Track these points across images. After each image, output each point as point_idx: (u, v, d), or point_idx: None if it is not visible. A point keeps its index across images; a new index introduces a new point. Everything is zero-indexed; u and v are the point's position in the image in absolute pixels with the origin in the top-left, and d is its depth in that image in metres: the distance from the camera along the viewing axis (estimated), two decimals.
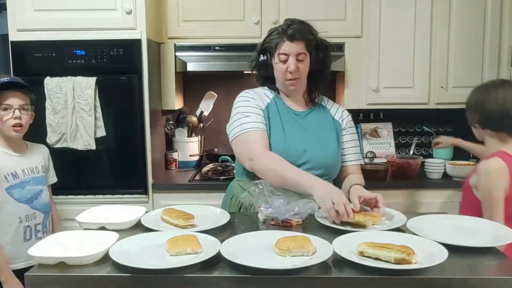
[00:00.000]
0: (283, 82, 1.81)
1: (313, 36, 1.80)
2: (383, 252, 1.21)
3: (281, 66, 1.77)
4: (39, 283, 1.23)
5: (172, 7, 2.81)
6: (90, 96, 2.45)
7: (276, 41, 1.76)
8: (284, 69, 1.76)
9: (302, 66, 1.77)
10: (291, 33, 1.73)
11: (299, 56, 1.75)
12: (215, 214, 1.66)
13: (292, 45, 1.74)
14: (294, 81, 1.79)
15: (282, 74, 1.78)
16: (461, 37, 2.82)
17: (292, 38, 1.73)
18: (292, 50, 1.74)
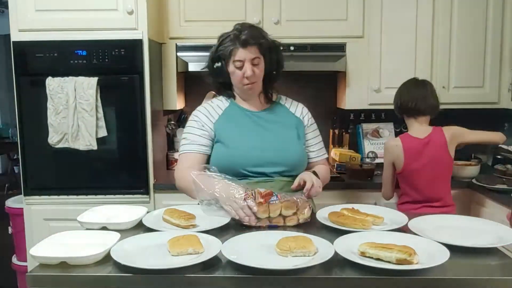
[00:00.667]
0: (241, 87, 1.83)
1: (265, 39, 1.81)
2: (385, 252, 1.21)
3: (237, 73, 1.79)
4: (40, 283, 1.24)
5: (173, 7, 2.81)
6: (91, 96, 2.45)
7: (229, 48, 1.77)
8: (241, 75, 1.78)
9: (257, 70, 1.79)
10: (244, 39, 1.74)
11: (254, 60, 1.77)
12: (216, 214, 1.65)
13: (246, 51, 1.75)
14: (251, 85, 1.81)
15: (239, 80, 1.80)
16: (463, 37, 2.81)
17: (245, 44, 1.75)
18: (247, 56, 1.76)
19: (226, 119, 1.87)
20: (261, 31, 1.83)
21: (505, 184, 2.47)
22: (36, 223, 2.58)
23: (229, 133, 1.84)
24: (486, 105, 2.87)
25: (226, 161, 1.78)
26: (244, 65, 1.77)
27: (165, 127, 3.01)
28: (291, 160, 1.82)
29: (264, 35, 1.83)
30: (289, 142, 1.85)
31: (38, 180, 2.58)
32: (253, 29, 1.80)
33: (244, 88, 1.82)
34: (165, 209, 1.64)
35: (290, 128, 1.89)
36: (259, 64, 1.80)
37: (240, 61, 1.76)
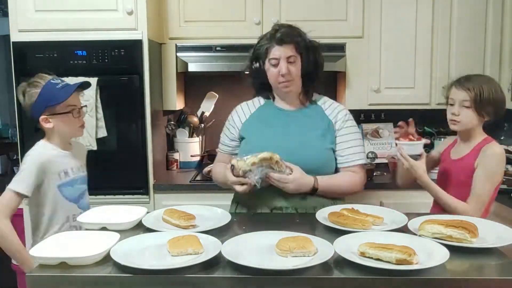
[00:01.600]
0: (277, 86, 1.83)
1: (301, 38, 1.82)
2: (384, 252, 1.21)
3: (273, 71, 1.79)
4: (40, 283, 1.24)
5: (173, 8, 2.81)
6: (91, 97, 2.45)
7: (265, 47, 1.79)
8: (276, 73, 1.78)
9: (293, 68, 1.79)
10: (279, 37, 1.77)
11: (289, 58, 1.78)
12: (216, 214, 1.66)
13: (281, 49, 1.77)
14: (287, 83, 1.80)
15: (275, 78, 1.81)
16: (462, 37, 2.82)
17: (281, 42, 1.77)
18: (282, 54, 1.77)
19: (256, 117, 1.92)
20: (298, 31, 1.84)
21: (505, 184, 2.47)
22: None
23: (253, 131, 1.88)
24: None
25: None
26: (279, 63, 1.77)
27: (165, 127, 3.01)
28: (310, 163, 1.77)
29: (301, 34, 1.83)
30: (311, 144, 1.81)
31: None
32: (290, 28, 1.82)
33: (279, 86, 1.82)
34: (165, 210, 1.64)
35: (318, 129, 1.84)
36: (295, 62, 1.80)
37: (276, 59, 1.77)
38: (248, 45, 2.74)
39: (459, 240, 1.34)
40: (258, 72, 1.85)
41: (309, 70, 1.84)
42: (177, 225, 1.54)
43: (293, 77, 1.80)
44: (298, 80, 1.84)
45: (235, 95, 3.21)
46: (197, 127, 3.11)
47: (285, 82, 1.80)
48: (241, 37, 2.78)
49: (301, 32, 1.84)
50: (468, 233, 1.33)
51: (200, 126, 3.12)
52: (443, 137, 2.99)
